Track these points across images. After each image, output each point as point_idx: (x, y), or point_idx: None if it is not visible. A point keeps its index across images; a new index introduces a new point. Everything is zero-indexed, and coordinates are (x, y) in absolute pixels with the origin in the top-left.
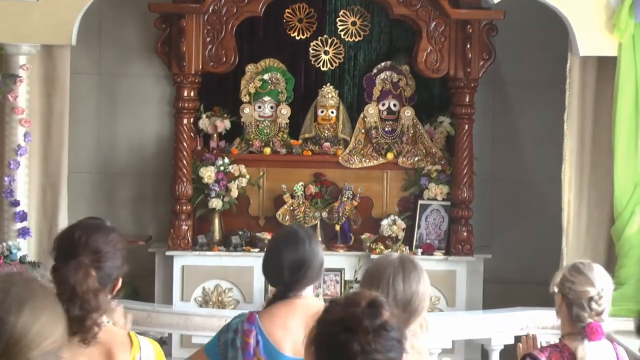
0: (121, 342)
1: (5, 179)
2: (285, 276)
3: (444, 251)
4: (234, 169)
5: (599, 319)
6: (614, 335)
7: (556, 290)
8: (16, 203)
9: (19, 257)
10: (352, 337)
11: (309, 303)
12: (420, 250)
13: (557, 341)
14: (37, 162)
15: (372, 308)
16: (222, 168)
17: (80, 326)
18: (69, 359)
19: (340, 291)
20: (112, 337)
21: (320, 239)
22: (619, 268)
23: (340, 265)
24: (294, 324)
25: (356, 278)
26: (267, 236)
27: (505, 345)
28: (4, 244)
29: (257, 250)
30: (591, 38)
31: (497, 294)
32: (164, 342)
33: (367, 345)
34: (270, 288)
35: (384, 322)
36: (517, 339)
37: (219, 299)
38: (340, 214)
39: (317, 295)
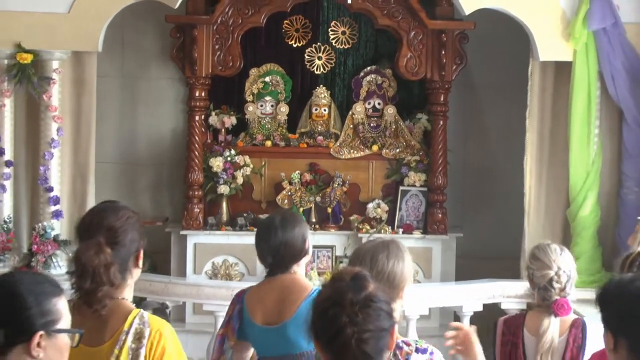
0: (119, 312)
1: (41, 168)
2: (268, 260)
3: (421, 230)
4: (239, 159)
5: (564, 294)
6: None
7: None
8: (50, 189)
9: (52, 235)
10: (340, 310)
11: (289, 280)
12: (401, 230)
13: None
14: (68, 154)
15: (355, 281)
16: (229, 159)
17: (92, 297)
18: (78, 322)
19: (331, 265)
20: (116, 309)
21: (314, 220)
22: (573, 245)
23: (332, 242)
24: (268, 298)
25: (345, 254)
26: (264, 218)
27: (474, 312)
28: (40, 224)
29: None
30: (549, 45)
31: (468, 268)
32: (167, 307)
33: (355, 317)
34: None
35: (369, 294)
36: (485, 306)
37: (227, 272)
38: (332, 199)
39: (312, 269)
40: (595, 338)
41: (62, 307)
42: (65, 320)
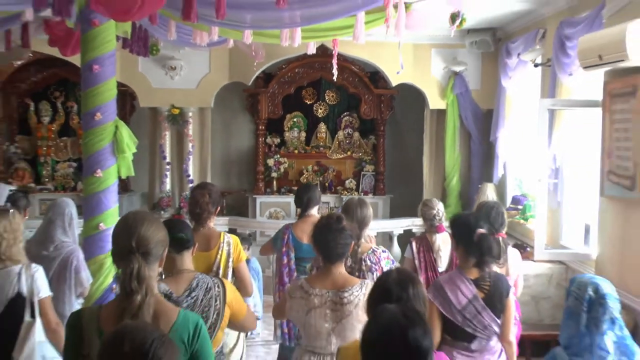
0: (215, 234)
1: (184, 165)
2: (303, 203)
3: (373, 194)
4: (281, 159)
5: (440, 222)
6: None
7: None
8: (188, 175)
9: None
10: (327, 232)
11: (313, 218)
12: (362, 194)
13: (422, 232)
14: (197, 158)
15: (337, 220)
16: (276, 159)
17: (200, 218)
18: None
19: (327, 212)
20: (212, 231)
21: (319, 189)
22: (447, 201)
23: (328, 200)
24: (305, 227)
25: (335, 206)
26: (295, 189)
27: (399, 234)
28: (184, 193)
29: (292, 195)
30: (434, 101)
31: (395, 212)
32: (249, 235)
33: (335, 235)
34: (297, 210)
35: (342, 226)
36: (406, 231)
37: (276, 216)
38: (328, 179)
39: (319, 213)
40: None
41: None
42: None
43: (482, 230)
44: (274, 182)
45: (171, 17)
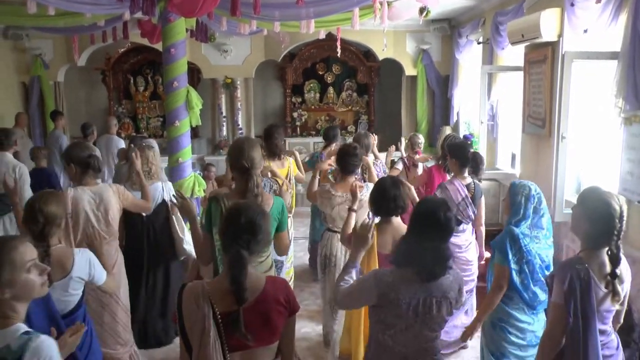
0: (285, 158)
1: (235, 118)
2: (330, 137)
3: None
4: (302, 113)
5: (420, 148)
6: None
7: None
8: (240, 128)
9: None
10: (346, 155)
11: (335, 147)
12: (361, 132)
13: (407, 155)
14: (244, 113)
15: (352, 147)
16: (299, 112)
17: (274, 153)
18: (271, 165)
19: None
20: (283, 158)
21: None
22: (423, 135)
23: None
24: (330, 152)
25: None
26: (312, 133)
27: (395, 159)
28: None
29: (311, 137)
30: (409, 69)
31: (383, 147)
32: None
33: (351, 157)
34: (315, 146)
35: (357, 152)
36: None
37: (299, 151)
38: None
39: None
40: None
41: None
42: None
43: (474, 150)
44: (298, 129)
45: (223, 14)
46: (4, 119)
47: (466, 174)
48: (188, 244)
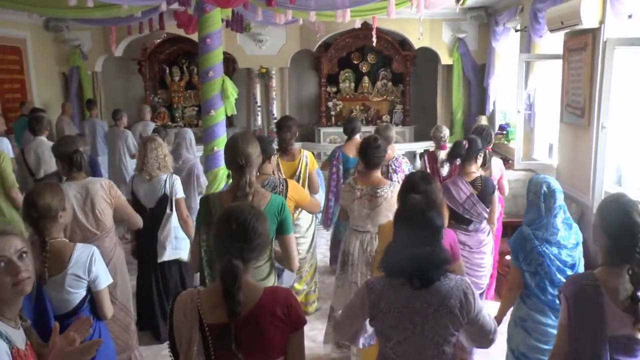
0: (297, 151)
1: (270, 108)
2: (349, 131)
3: (402, 125)
4: (337, 102)
5: (444, 142)
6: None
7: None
8: (275, 118)
9: None
10: (368, 148)
11: (356, 141)
12: (394, 125)
13: (431, 150)
14: (278, 103)
15: (375, 140)
16: (334, 102)
17: (286, 148)
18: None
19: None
20: (295, 150)
21: (360, 121)
22: (454, 133)
23: (370, 130)
24: (352, 147)
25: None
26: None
27: (420, 153)
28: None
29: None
30: (445, 58)
31: (418, 137)
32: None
33: (374, 150)
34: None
35: (379, 144)
36: (425, 150)
37: (334, 141)
38: (371, 115)
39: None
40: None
41: None
42: None
43: (464, 141)
44: (333, 118)
45: (258, 4)
46: (49, 108)
47: (473, 169)
48: (175, 249)
